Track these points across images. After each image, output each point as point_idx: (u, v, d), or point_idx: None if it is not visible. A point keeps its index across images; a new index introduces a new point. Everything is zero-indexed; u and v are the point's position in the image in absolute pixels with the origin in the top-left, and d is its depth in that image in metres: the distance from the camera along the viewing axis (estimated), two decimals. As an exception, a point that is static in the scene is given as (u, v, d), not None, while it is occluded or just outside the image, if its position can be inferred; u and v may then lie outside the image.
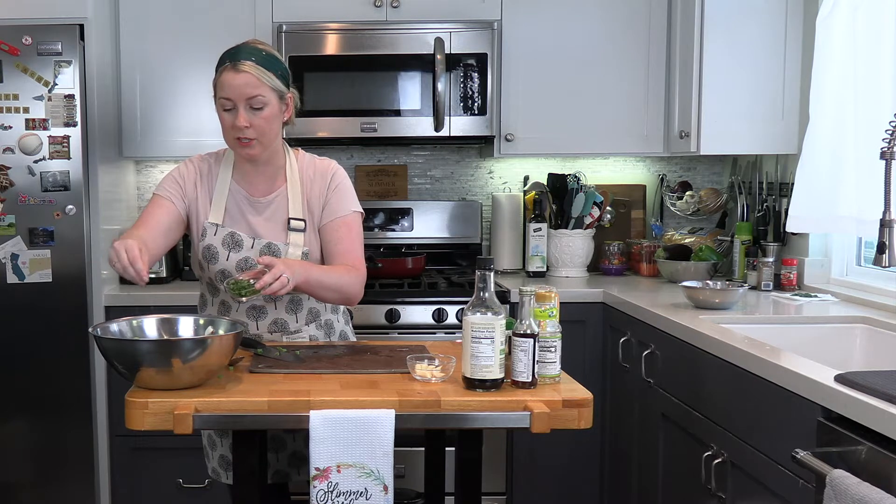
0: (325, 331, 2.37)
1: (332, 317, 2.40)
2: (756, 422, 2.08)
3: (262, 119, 2.18)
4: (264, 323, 2.31)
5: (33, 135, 3.11)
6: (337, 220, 2.29)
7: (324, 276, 2.20)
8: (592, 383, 2.84)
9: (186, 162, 2.35)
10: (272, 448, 2.30)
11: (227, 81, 2.17)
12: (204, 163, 2.34)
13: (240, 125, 2.17)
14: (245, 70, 2.15)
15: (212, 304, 2.36)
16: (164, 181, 2.31)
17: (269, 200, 2.30)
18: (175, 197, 2.28)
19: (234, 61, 2.17)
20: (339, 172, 2.33)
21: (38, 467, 3.21)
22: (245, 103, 2.16)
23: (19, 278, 3.12)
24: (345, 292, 2.24)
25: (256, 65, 2.17)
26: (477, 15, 3.41)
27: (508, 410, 1.83)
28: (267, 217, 2.29)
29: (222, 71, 2.19)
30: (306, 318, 2.34)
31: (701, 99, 3.20)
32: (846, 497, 1.54)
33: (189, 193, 2.30)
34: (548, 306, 1.95)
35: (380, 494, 1.82)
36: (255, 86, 2.16)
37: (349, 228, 2.29)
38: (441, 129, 3.33)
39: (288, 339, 2.31)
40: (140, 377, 1.87)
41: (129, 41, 3.42)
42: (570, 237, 3.57)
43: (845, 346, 2.57)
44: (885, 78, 2.66)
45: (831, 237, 3.13)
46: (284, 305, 2.31)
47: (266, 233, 2.28)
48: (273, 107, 2.20)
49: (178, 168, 2.33)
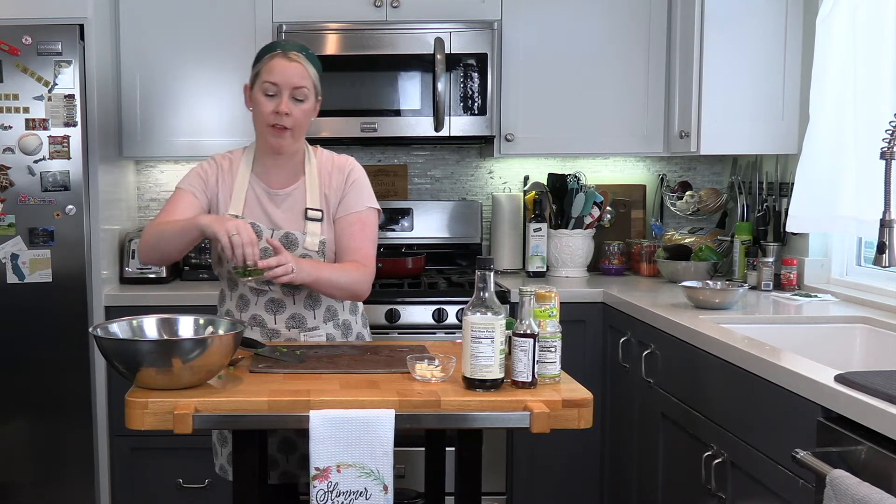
0: (342, 330, 2.40)
1: (349, 317, 2.43)
2: (756, 422, 2.08)
3: (300, 111, 2.26)
4: (282, 317, 2.33)
5: (33, 135, 3.11)
6: (352, 216, 2.33)
7: (334, 274, 2.25)
8: (592, 383, 2.83)
9: (209, 159, 2.41)
10: (282, 450, 2.31)
11: (278, 67, 2.24)
12: (225, 159, 2.39)
13: (282, 110, 2.23)
14: (297, 60, 2.25)
15: (230, 299, 2.39)
16: (186, 176, 2.37)
17: (287, 193, 2.34)
18: (198, 191, 2.33)
19: (285, 50, 2.26)
20: (357, 168, 2.38)
21: (38, 467, 3.21)
22: (290, 92, 2.24)
23: (19, 278, 3.12)
24: (353, 290, 2.30)
25: (306, 58, 2.27)
26: (477, 15, 3.41)
27: (508, 410, 1.83)
28: (285, 209, 2.33)
29: (272, 57, 2.27)
30: (324, 316, 2.36)
31: (701, 99, 3.20)
32: (846, 497, 1.54)
33: (211, 188, 2.35)
34: (548, 306, 1.96)
35: (380, 494, 1.82)
36: (303, 77, 2.25)
37: (363, 225, 2.34)
38: (441, 129, 3.33)
39: (305, 335, 2.34)
40: (140, 377, 1.87)
41: (129, 41, 3.42)
42: (570, 237, 3.57)
43: (845, 346, 2.57)
44: (885, 78, 2.66)
45: (831, 237, 3.13)
46: (303, 301, 2.34)
47: (284, 223, 2.32)
48: (311, 102, 2.29)
49: (200, 164, 2.39)
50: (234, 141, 3.40)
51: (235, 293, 2.37)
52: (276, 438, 2.31)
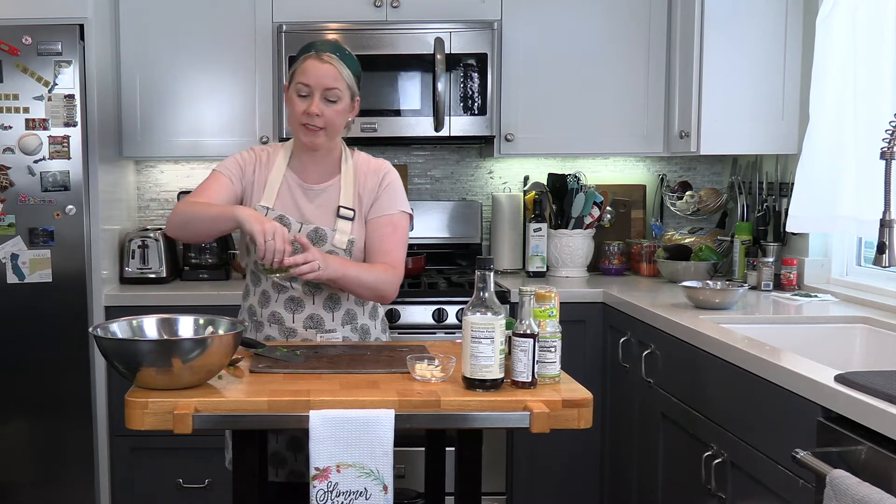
0: (360, 335, 2.40)
1: (369, 322, 2.42)
2: (756, 422, 2.08)
3: (333, 111, 2.28)
4: (300, 317, 2.34)
5: (33, 135, 3.11)
6: (384, 218, 2.35)
7: (361, 273, 2.27)
8: (592, 383, 2.83)
9: (249, 149, 2.43)
10: (290, 448, 2.32)
11: (310, 69, 2.27)
12: (263, 151, 2.42)
13: (312, 111, 2.26)
14: (328, 62, 2.27)
15: (253, 295, 2.40)
16: (226, 161, 2.39)
17: (321, 189, 2.36)
18: (234, 176, 2.35)
19: (319, 52, 2.29)
20: (392, 172, 2.40)
21: (38, 467, 3.21)
22: (321, 93, 2.26)
23: (19, 278, 3.12)
24: (379, 289, 2.31)
25: (340, 59, 2.29)
26: (477, 15, 3.41)
27: (508, 410, 1.83)
28: (318, 205, 2.35)
29: (306, 58, 2.29)
30: (342, 319, 2.36)
31: (701, 99, 3.20)
32: (846, 497, 1.54)
33: (247, 177, 2.37)
34: (548, 306, 1.95)
35: (380, 494, 1.82)
36: (334, 78, 2.27)
37: (395, 228, 2.35)
38: (441, 129, 3.33)
39: (322, 337, 2.34)
40: (140, 377, 1.87)
41: (129, 41, 3.42)
42: (570, 237, 3.57)
43: (845, 346, 2.57)
44: (885, 78, 2.66)
45: (831, 237, 3.13)
46: (322, 301, 2.34)
47: (315, 218, 2.34)
48: (344, 103, 2.30)
49: (239, 153, 2.41)
50: (234, 141, 3.42)
51: (259, 289, 2.38)
52: (286, 437, 2.32)
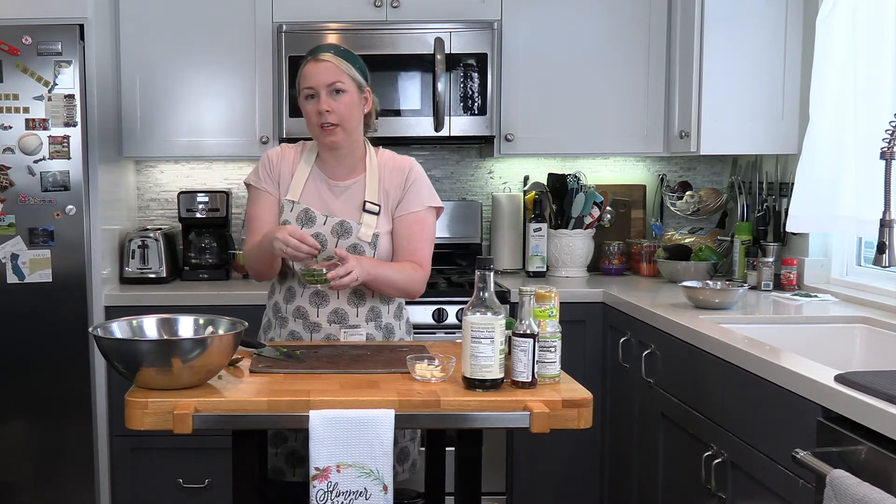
0: (383, 333, 2.41)
1: (393, 321, 2.43)
2: (756, 422, 2.08)
3: (342, 105, 2.30)
4: (325, 311, 2.35)
5: (33, 135, 3.11)
6: (410, 216, 2.37)
7: (391, 273, 2.31)
8: (592, 383, 2.83)
9: (277, 148, 2.46)
10: (272, 443, 2.31)
11: (309, 72, 2.32)
12: (291, 149, 2.45)
13: (321, 109, 2.28)
14: (325, 59, 2.31)
15: (279, 291, 2.43)
16: (257, 172, 2.42)
17: (347, 185, 2.39)
18: (271, 187, 2.40)
19: (314, 54, 2.33)
20: (417, 168, 2.42)
21: (38, 467, 3.21)
22: (326, 90, 2.29)
23: (19, 278, 3.12)
24: (407, 288, 2.36)
25: (335, 55, 2.32)
26: (477, 15, 3.40)
27: (508, 410, 1.83)
28: (344, 200, 2.38)
29: (304, 65, 2.34)
30: (367, 316, 2.38)
31: (701, 99, 3.20)
32: (846, 497, 1.54)
33: (275, 170, 2.41)
34: (548, 306, 1.96)
35: (379, 494, 1.82)
36: (334, 72, 2.30)
37: (422, 226, 2.38)
38: (441, 129, 3.33)
39: (346, 332, 2.35)
40: (140, 377, 1.87)
41: (129, 41, 3.42)
42: (570, 237, 3.57)
43: (845, 346, 2.57)
44: (885, 78, 2.66)
45: (831, 237, 3.13)
46: (347, 297, 2.36)
47: (341, 213, 2.36)
48: (352, 94, 2.32)
49: (266, 154, 2.45)
50: (234, 141, 3.43)
51: (284, 285, 2.41)
52: (285, 451, 2.32)
